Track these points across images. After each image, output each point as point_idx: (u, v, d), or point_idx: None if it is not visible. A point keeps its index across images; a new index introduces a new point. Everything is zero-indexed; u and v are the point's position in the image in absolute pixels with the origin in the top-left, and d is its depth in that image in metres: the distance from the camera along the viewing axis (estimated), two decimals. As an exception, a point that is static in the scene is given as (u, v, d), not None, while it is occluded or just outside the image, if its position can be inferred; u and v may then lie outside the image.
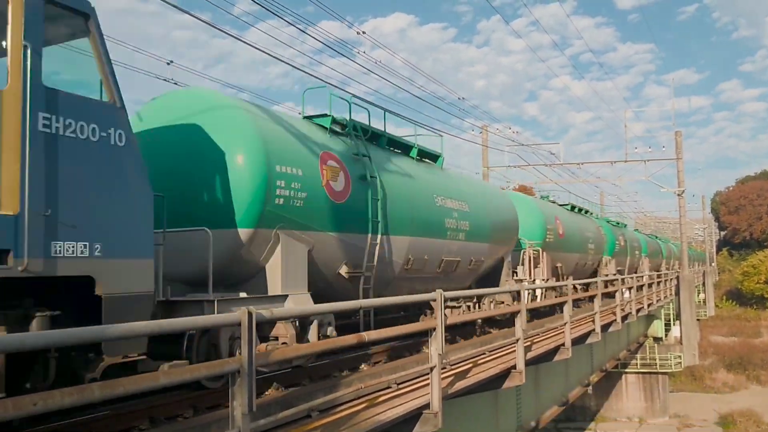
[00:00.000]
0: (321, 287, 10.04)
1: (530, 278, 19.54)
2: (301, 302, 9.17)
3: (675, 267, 53.01)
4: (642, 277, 29.53)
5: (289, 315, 7.81)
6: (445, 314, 7.79)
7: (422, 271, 12.97)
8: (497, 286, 16.46)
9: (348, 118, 11.65)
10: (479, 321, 15.51)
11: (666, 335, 39.72)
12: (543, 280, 20.06)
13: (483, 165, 36.30)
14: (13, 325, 5.43)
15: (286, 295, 9.14)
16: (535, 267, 19.96)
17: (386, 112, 12.90)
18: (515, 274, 18.87)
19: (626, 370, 37.32)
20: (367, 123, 12.12)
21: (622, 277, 24.70)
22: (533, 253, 19.89)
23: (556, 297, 17.99)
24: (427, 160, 14.50)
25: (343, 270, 10.58)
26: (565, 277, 20.33)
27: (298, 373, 9.20)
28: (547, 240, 21.19)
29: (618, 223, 40.38)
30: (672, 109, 38.66)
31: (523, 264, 19.65)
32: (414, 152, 13.87)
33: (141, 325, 4.39)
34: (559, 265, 22.48)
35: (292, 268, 9.33)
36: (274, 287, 9.16)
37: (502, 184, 34.48)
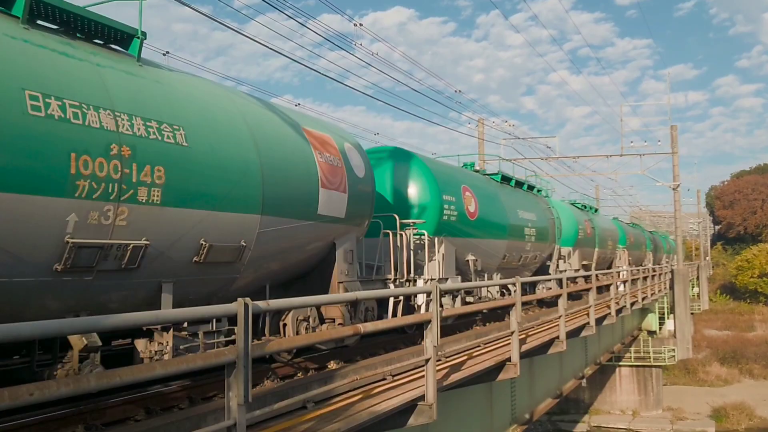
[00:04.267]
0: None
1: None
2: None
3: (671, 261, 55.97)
4: (638, 270, 29.73)
5: (286, 306, 7.85)
6: (441, 307, 7.82)
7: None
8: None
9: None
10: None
11: (660, 329, 39.85)
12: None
13: (479, 158, 36.28)
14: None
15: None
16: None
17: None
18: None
19: (620, 363, 37.47)
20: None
21: (617, 270, 24.89)
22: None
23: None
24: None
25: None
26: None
27: (294, 365, 9.23)
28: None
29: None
30: (668, 103, 38.42)
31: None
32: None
33: (136, 315, 4.40)
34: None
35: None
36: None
37: (498, 178, 34.53)
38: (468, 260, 15.59)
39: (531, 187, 22.20)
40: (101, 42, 7.20)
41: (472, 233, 15.63)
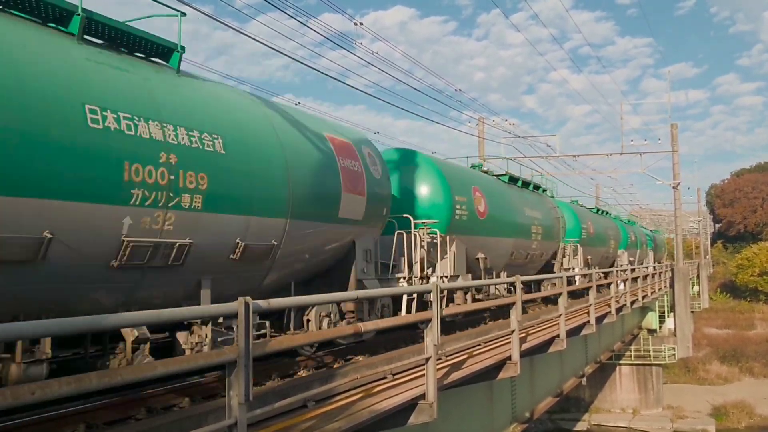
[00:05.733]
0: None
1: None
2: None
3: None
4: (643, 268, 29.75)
5: (286, 305, 7.87)
6: (440, 306, 7.82)
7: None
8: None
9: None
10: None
11: (660, 327, 39.84)
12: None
13: (479, 157, 36.26)
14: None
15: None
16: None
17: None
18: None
19: (620, 362, 37.46)
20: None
21: (617, 269, 24.91)
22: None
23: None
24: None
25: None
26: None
27: (295, 363, 9.24)
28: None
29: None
30: (669, 102, 38.37)
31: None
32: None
33: (139, 314, 4.40)
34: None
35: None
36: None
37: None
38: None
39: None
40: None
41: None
